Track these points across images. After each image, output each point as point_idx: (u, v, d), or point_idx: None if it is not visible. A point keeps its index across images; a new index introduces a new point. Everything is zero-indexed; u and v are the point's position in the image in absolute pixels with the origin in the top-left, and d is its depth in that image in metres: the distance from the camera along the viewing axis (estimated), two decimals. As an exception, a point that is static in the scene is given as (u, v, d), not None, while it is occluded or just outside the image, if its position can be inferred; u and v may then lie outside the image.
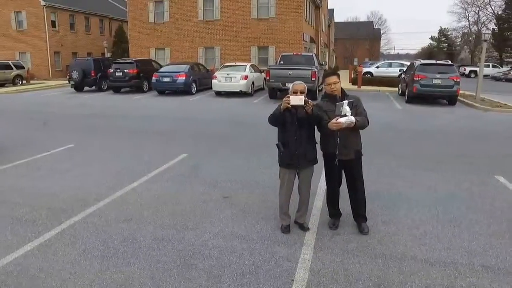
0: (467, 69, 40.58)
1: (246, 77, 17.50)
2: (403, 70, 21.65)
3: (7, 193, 5.38)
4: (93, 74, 20.04)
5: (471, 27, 63.52)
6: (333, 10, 54.37)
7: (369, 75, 28.04)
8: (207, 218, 4.57)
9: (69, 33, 32.72)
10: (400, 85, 19.19)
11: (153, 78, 18.45)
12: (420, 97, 15.38)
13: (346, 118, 3.75)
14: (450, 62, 25.12)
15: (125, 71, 19.09)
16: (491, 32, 42.78)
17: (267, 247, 3.88)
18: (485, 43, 18.31)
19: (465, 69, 40.02)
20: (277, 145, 4.08)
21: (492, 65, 41.41)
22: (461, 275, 3.39)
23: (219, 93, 18.26)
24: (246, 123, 11.14)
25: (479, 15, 60.17)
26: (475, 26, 61.85)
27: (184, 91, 18.16)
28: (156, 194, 5.34)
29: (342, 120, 3.74)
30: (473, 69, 39.59)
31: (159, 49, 28.07)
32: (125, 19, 31.55)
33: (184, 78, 17.97)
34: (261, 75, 19.84)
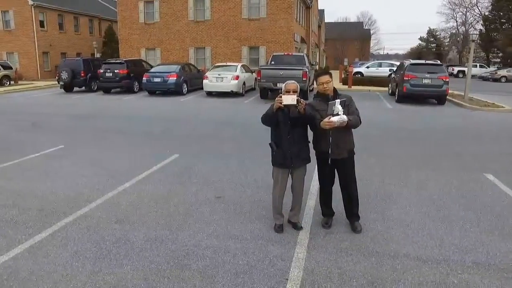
0: (456, 69, 41.13)
1: (237, 77, 17.49)
2: (393, 70, 21.86)
3: (-4, 195, 5.30)
4: (82, 74, 19.83)
5: (459, 28, 64.39)
6: (324, 10, 54.71)
7: (359, 75, 28.23)
8: (200, 218, 4.56)
9: (58, 33, 32.32)
10: (390, 85, 19.37)
11: (143, 78, 18.33)
12: (410, 97, 15.53)
13: (338, 117, 3.77)
14: (439, 62, 25.42)
15: (115, 71, 18.93)
16: (478, 32, 43.38)
17: (260, 246, 3.88)
18: (473, 44, 18.58)
19: (453, 69, 40.54)
20: (270, 144, 4.08)
21: (479, 65, 42.04)
22: (453, 272, 3.43)
23: (210, 94, 18.22)
24: (237, 123, 11.13)
25: (466, 16, 61.05)
26: (462, 26, 62.72)
27: (175, 91, 18.08)
28: (148, 194, 5.31)
29: (334, 119, 3.76)
30: (461, 69, 40.16)
31: (150, 49, 27.91)
32: (115, 19, 31.31)
33: (175, 78, 17.89)
34: (252, 75, 19.85)
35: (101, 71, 19.19)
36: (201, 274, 3.40)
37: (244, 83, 18.23)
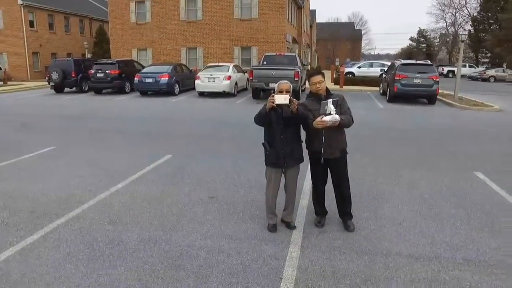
0: (445, 69, 41.58)
1: (229, 78, 17.48)
2: (384, 70, 22.01)
3: (-14, 197, 5.23)
4: (73, 75, 19.66)
5: (449, 28, 65.13)
6: (315, 11, 54.90)
7: (351, 75, 28.38)
8: (194, 218, 4.56)
9: (48, 33, 32.00)
10: (381, 85, 19.51)
11: (135, 79, 18.24)
12: (401, 96, 15.66)
13: (331, 116, 3.80)
14: (429, 62, 25.67)
15: (107, 72, 18.81)
16: (467, 33, 43.89)
17: (254, 246, 3.89)
18: (462, 44, 18.82)
19: (443, 69, 40.97)
20: (263, 144, 4.10)
21: (468, 65, 42.57)
22: (444, 269, 3.47)
23: (202, 94, 18.18)
24: (230, 123, 11.13)
25: (456, 16, 61.77)
26: (452, 27, 63.44)
27: (167, 92, 18.02)
28: (141, 195, 5.29)
29: (327, 118, 3.79)
30: (451, 69, 40.63)
31: (141, 49, 27.77)
32: (106, 19, 31.12)
33: (167, 78, 17.82)
34: (244, 75, 19.85)
35: (92, 71, 19.05)
36: (195, 274, 3.40)
37: (236, 83, 18.23)
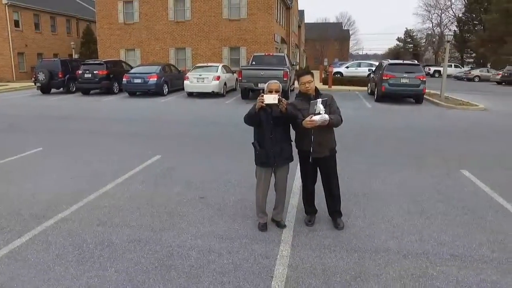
0: (432, 69, 42.18)
1: (218, 78, 17.46)
2: (372, 70, 22.25)
3: (-28, 200, 5.15)
4: (60, 75, 19.40)
5: (435, 29, 66.15)
6: (304, 11, 55.15)
7: (339, 75, 28.59)
8: (184, 218, 4.55)
9: (34, 33, 31.49)
10: (369, 85, 19.70)
11: (123, 79, 18.09)
12: (388, 96, 15.85)
13: (320, 116, 3.83)
14: (416, 62, 26.01)
15: (95, 72, 18.62)
16: (453, 33, 44.60)
17: (245, 245, 3.91)
18: (448, 44, 19.13)
19: (429, 69, 41.54)
20: (253, 144, 4.12)
21: (454, 65, 43.24)
22: (432, 265, 3.54)
23: (191, 94, 18.12)
24: (219, 124, 11.13)
25: (441, 17, 62.77)
26: (438, 28, 64.42)
27: (155, 92, 17.91)
28: (130, 196, 5.26)
29: (316, 118, 3.82)
30: (437, 69, 41.26)
31: (129, 50, 27.55)
32: (93, 19, 30.78)
33: (155, 79, 17.72)
34: (233, 75, 19.85)
35: (80, 72, 18.84)
36: (186, 274, 3.40)
37: (225, 83, 18.22)
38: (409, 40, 77.97)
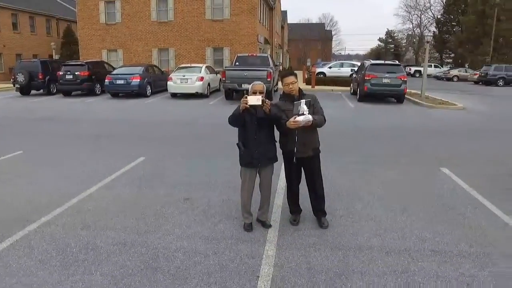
0: (412, 69, 43.04)
1: (202, 79, 17.41)
2: (355, 70, 22.53)
3: (-50, 205, 5.01)
4: (40, 76, 19.01)
5: (415, 30, 67.41)
6: (286, 11, 55.44)
7: (322, 75, 28.86)
8: (169, 220, 4.54)
9: (12, 33, 30.79)
10: (352, 85, 19.96)
11: (106, 80, 17.84)
12: (371, 96, 16.10)
13: (303, 116, 3.89)
14: (397, 62, 26.48)
15: (76, 73, 18.32)
16: (432, 34, 45.60)
17: (231, 246, 3.93)
18: (428, 45, 19.56)
19: (410, 69, 42.38)
20: (238, 144, 4.14)
21: (434, 66, 44.20)
22: (413, 261, 3.63)
23: (174, 95, 18.01)
24: (203, 124, 11.10)
25: (421, 18, 64.03)
26: (418, 28, 65.68)
27: (138, 93, 17.73)
28: (114, 198, 5.21)
29: (300, 118, 3.88)
30: (418, 69, 42.13)
31: (111, 50, 27.20)
32: (74, 20, 30.28)
33: (138, 80, 17.54)
34: (217, 76, 19.82)
35: (61, 73, 18.49)
36: (172, 276, 3.40)
37: (209, 84, 18.17)
38: (390, 40, 79.28)
